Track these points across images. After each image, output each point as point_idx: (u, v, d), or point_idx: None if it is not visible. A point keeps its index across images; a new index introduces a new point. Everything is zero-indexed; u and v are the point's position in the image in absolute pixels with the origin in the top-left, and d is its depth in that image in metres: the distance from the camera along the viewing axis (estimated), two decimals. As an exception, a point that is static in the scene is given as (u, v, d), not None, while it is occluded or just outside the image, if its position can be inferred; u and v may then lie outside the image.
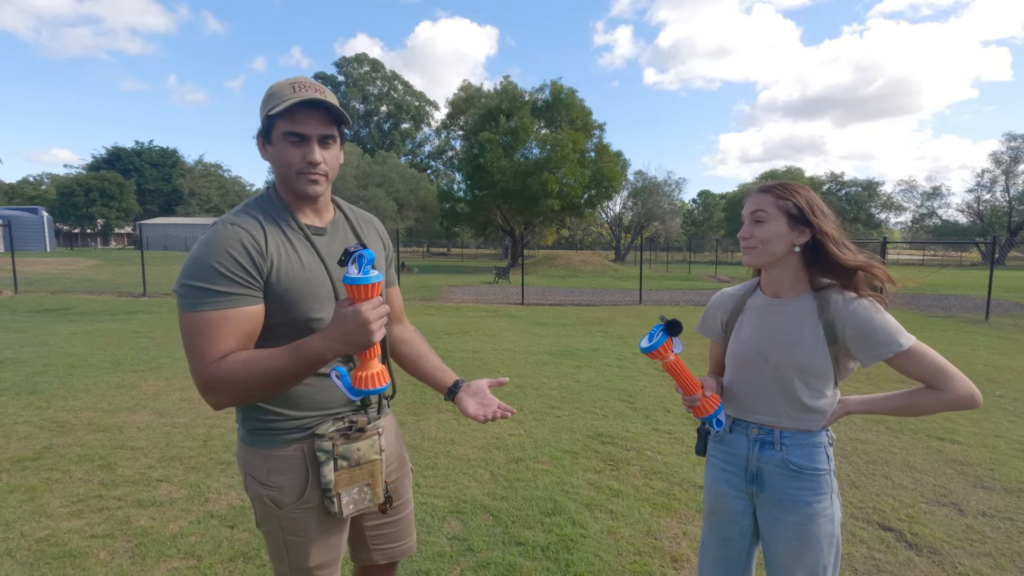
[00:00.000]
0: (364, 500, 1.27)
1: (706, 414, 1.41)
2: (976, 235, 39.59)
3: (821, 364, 1.32)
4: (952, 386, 1.26)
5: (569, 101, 29.45)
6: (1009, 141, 40.25)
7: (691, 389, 1.39)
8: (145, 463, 3.39)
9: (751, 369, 1.41)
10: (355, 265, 1.04)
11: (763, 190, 1.38)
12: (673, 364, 1.35)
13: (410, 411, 4.50)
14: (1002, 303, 13.11)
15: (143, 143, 59.72)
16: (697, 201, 62.87)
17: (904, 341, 1.26)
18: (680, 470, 3.42)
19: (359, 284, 1.03)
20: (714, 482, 1.51)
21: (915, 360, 1.27)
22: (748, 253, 1.38)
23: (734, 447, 1.46)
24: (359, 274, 1.04)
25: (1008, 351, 7.53)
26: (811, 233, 1.33)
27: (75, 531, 2.60)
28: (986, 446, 3.88)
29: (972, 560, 2.49)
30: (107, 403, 4.56)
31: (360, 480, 1.26)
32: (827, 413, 1.37)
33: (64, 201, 47.17)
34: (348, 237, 1.31)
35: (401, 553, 1.48)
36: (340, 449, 1.23)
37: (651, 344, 1.30)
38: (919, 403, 1.31)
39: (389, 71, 61.76)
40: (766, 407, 1.40)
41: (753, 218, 1.36)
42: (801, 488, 1.36)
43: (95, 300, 11.92)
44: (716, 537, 1.49)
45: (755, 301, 1.46)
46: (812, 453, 1.36)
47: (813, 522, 1.34)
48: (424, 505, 2.91)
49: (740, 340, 1.45)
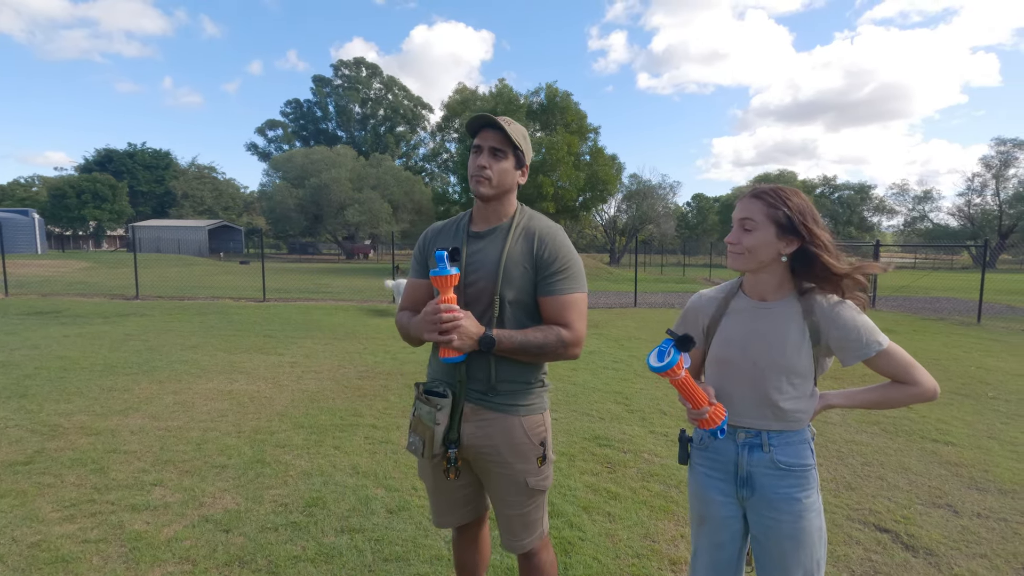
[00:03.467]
0: (418, 450, 1.57)
1: (714, 425, 1.37)
2: (966, 238, 39.95)
3: (805, 365, 1.36)
4: (920, 380, 1.35)
5: (564, 104, 29.50)
6: (999, 145, 40.66)
7: (699, 403, 1.35)
8: (138, 467, 3.36)
9: (737, 373, 1.42)
10: (440, 264, 1.40)
11: (755, 195, 1.37)
12: (683, 381, 1.30)
13: (406, 414, 4.49)
14: (994, 306, 13.22)
15: (135, 145, 59.30)
16: (691, 204, 63.10)
17: (883, 340, 1.34)
18: (677, 472, 3.42)
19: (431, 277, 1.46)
20: (702, 489, 1.49)
21: (890, 359, 1.35)
22: (733, 259, 1.38)
23: (721, 453, 1.45)
24: (431, 272, 1.44)
25: (1000, 353, 7.58)
26: (800, 243, 1.33)
27: (67, 536, 2.57)
28: (980, 447, 3.90)
29: (968, 561, 2.50)
30: (100, 406, 4.52)
31: (418, 431, 1.57)
32: (811, 410, 1.40)
33: (55, 203, 46.72)
34: (496, 242, 1.57)
35: (505, 543, 1.68)
36: (416, 402, 1.60)
37: (663, 364, 1.26)
38: (891, 397, 1.39)
39: (385, 75, 61.79)
40: (753, 410, 1.40)
41: (741, 225, 1.36)
42: (791, 485, 1.38)
43: (87, 302, 11.83)
44: (708, 543, 1.49)
45: (739, 304, 1.46)
46: (799, 450, 1.40)
47: (804, 518, 1.37)
48: (422, 508, 2.89)
49: (724, 344, 1.44)
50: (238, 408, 4.57)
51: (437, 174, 52.80)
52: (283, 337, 8.03)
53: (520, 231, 1.57)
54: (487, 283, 1.53)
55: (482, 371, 1.54)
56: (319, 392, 5.11)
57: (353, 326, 9.24)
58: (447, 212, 34.16)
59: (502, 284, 1.52)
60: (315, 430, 4.06)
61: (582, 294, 1.56)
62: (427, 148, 59.15)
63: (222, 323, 9.29)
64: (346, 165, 41.16)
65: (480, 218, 1.62)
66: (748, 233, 1.35)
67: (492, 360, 1.53)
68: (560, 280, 1.53)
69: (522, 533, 1.63)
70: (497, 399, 1.55)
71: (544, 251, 1.54)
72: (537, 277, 1.54)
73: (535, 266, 1.53)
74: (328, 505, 2.92)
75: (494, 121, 1.51)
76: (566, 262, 1.55)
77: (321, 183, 38.85)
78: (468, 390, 1.56)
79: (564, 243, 1.57)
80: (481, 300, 1.54)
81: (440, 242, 1.63)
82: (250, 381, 5.46)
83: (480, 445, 1.56)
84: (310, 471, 3.35)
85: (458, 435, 1.56)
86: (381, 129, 61.52)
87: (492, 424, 1.55)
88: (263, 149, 61.73)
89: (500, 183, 1.55)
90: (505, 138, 1.53)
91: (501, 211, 1.60)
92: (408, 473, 3.34)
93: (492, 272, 1.53)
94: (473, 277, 1.55)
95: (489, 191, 1.54)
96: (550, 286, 1.53)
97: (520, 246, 1.55)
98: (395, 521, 2.77)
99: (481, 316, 1.53)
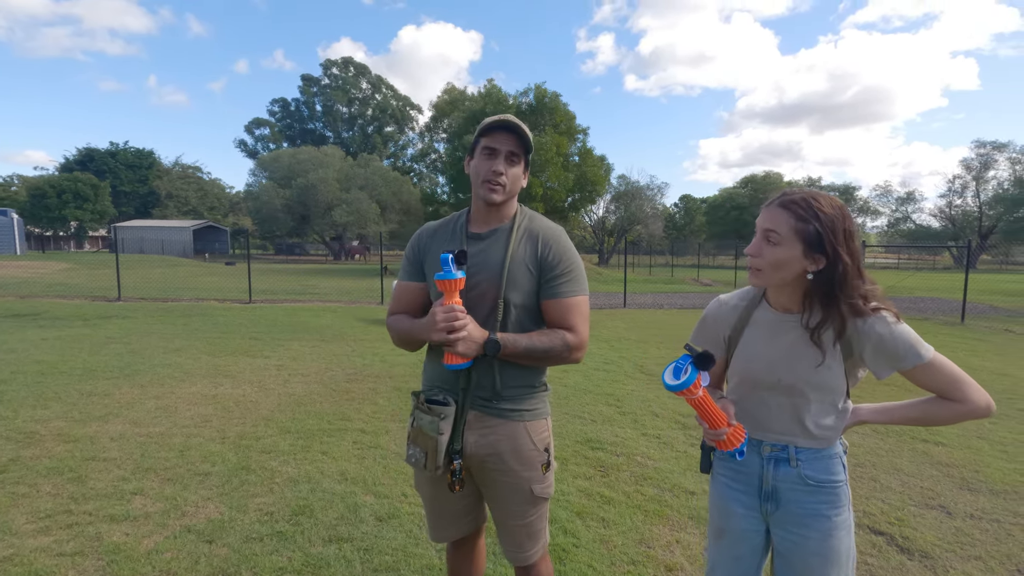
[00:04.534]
0: (419, 463, 1.49)
1: (732, 447, 1.27)
2: (948, 239, 40.64)
3: (838, 382, 1.26)
4: (969, 397, 1.21)
5: (553, 105, 29.50)
6: (978, 148, 41.45)
7: (717, 423, 1.24)
8: (118, 475, 3.25)
9: (762, 389, 1.33)
10: (445, 267, 1.35)
11: (783, 205, 1.22)
12: (701, 400, 1.20)
13: (396, 418, 4.41)
14: (977, 306, 13.43)
15: (118, 144, 58.29)
16: (679, 205, 63.56)
17: (924, 353, 1.21)
18: (671, 475, 3.39)
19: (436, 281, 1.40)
20: (723, 501, 1.42)
21: (933, 372, 1.22)
22: (754, 275, 1.27)
23: (745, 465, 1.37)
24: (436, 276, 1.39)
25: (985, 353, 7.68)
26: (827, 261, 1.19)
27: (42, 549, 2.46)
28: (970, 447, 3.92)
29: (963, 564, 2.49)
30: (78, 412, 4.39)
31: (419, 443, 1.49)
32: (842, 426, 1.31)
33: (35, 203, 45.74)
34: (499, 244, 1.51)
35: (509, 555, 1.63)
36: (415, 412, 1.53)
37: (680, 382, 1.16)
38: (934, 414, 1.26)
39: (374, 75, 61.44)
40: (779, 426, 1.32)
41: (765, 236, 1.23)
42: (820, 502, 1.29)
43: (67, 305, 11.56)
44: (727, 557, 1.41)
45: (762, 314, 1.35)
46: (829, 465, 1.31)
47: (833, 536, 1.28)
48: (412, 516, 2.83)
49: (749, 358, 1.35)
50: (223, 413, 4.46)
51: (425, 175, 52.53)
52: (269, 339, 7.90)
53: (523, 233, 1.53)
54: (490, 286, 1.48)
55: (487, 377, 1.49)
56: (306, 396, 5.01)
57: (341, 328, 9.12)
58: (436, 212, 34.02)
59: (507, 287, 1.47)
60: (302, 435, 3.97)
61: (585, 297, 1.52)
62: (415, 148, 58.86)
63: (207, 325, 9.13)
64: (334, 165, 40.82)
65: (480, 219, 1.57)
66: (772, 247, 1.22)
67: (497, 365, 1.47)
68: (564, 283, 1.49)
69: (527, 544, 1.58)
70: (502, 405, 1.50)
71: (548, 253, 1.49)
72: (541, 280, 1.49)
73: (539, 269, 1.49)
74: (315, 513, 2.84)
75: (515, 125, 1.45)
76: (569, 264, 1.50)
77: (308, 183, 38.50)
78: (473, 397, 1.51)
79: (568, 245, 1.53)
80: (484, 304, 1.49)
81: (436, 243, 1.57)
82: (235, 385, 5.34)
83: (484, 454, 1.51)
84: (297, 478, 3.26)
85: (461, 445, 1.50)
86: (369, 129, 61.18)
87: (496, 431, 1.50)
88: (251, 147, 61.08)
89: (512, 189, 1.51)
90: (523, 143, 1.49)
91: (503, 213, 1.56)
92: (398, 479, 3.26)
93: (496, 275, 1.48)
94: (475, 280, 1.48)
95: (502, 198, 1.49)
96: (554, 289, 1.48)
97: (524, 248, 1.50)
98: (385, 529, 2.70)
99: (485, 320, 1.48)
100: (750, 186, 50.73)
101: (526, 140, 1.48)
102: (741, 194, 50.55)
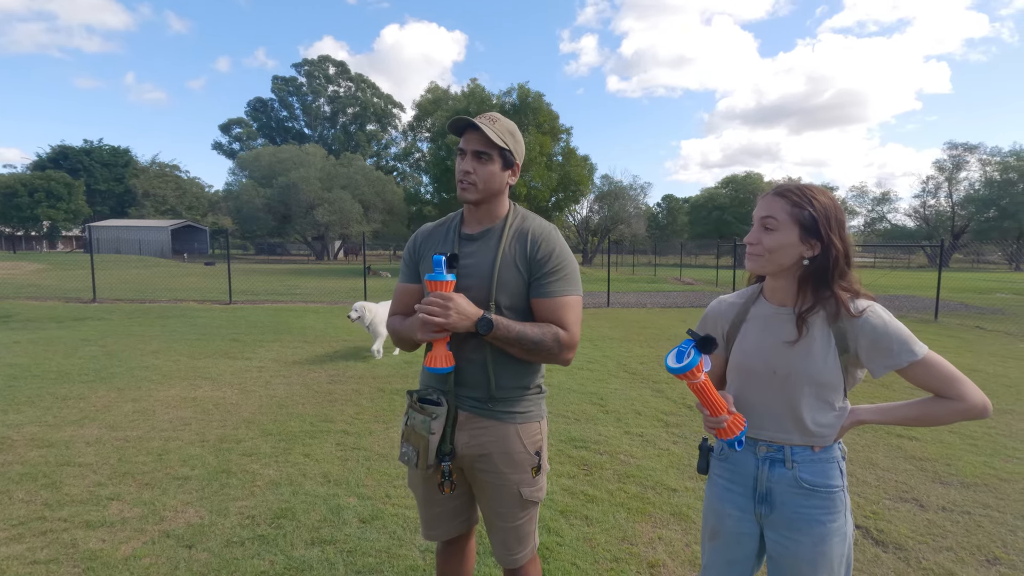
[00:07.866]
0: (411, 461, 1.50)
1: (732, 436, 1.28)
2: (922, 238, 41.64)
3: (832, 375, 1.26)
4: (965, 395, 1.21)
5: (536, 105, 29.54)
6: (951, 150, 42.61)
7: (718, 410, 1.26)
8: (94, 480, 3.18)
9: (758, 382, 1.33)
10: (437, 269, 1.38)
11: (779, 193, 1.27)
12: (702, 385, 1.22)
13: (379, 419, 4.39)
14: (949, 303, 13.78)
15: (92, 141, 56.93)
16: (661, 205, 64.05)
17: (918, 350, 1.22)
18: (653, 473, 3.43)
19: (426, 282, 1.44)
20: (718, 502, 1.41)
21: (927, 370, 1.23)
22: (752, 260, 1.29)
23: (740, 465, 1.37)
24: (426, 276, 1.42)
25: (958, 349, 7.88)
26: (821, 247, 1.24)
27: (15, 557, 2.41)
28: (942, 442, 4.03)
29: (935, 555, 2.56)
30: (52, 416, 4.29)
31: (411, 441, 1.51)
32: (838, 425, 1.30)
33: (6, 202, 44.50)
34: (490, 245, 1.52)
35: (499, 557, 1.64)
36: (409, 411, 1.54)
37: (683, 365, 1.18)
38: (932, 413, 1.26)
39: (355, 73, 60.94)
40: (775, 423, 1.32)
41: (762, 224, 1.27)
42: (814, 507, 1.28)
43: (40, 306, 11.28)
44: (721, 560, 1.40)
45: (759, 309, 1.37)
46: (825, 469, 1.30)
47: (827, 542, 1.27)
48: (396, 517, 2.82)
49: (745, 352, 1.36)
50: (202, 416, 4.39)
51: (409, 174, 52.26)
52: (250, 341, 7.79)
53: (513, 232, 1.52)
54: (481, 289, 1.47)
55: (481, 378, 1.49)
56: (288, 397, 4.96)
57: (324, 328, 9.03)
58: (419, 212, 33.86)
59: (496, 290, 1.46)
60: (284, 437, 3.93)
61: (577, 297, 1.51)
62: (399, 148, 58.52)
63: (185, 327, 8.97)
64: (315, 164, 40.37)
65: (472, 219, 1.57)
66: (769, 233, 1.25)
67: (491, 365, 1.47)
68: (554, 281, 1.48)
69: (516, 547, 1.59)
70: (495, 407, 1.50)
71: (537, 251, 1.48)
72: (530, 278, 1.48)
73: (528, 267, 1.48)
74: (297, 516, 2.81)
75: (475, 123, 1.43)
76: (560, 263, 1.49)
77: (289, 182, 38.01)
78: (465, 398, 1.51)
79: (559, 244, 1.51)
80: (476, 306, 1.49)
81: (431, 244, 1.59)
82: (215, 387, 5.26)
83: (474, 455, 1.51)
84: (278, 481, 3.23)
85: (451, 446, 1.50)
86: (351, 127, 60.62)
87: (487, 432, 1.50)
88: (227, 147, 60.13)
89: (487, 188, 1.49)
90: (487, 140, 1.45)
91: (493, 212, 1.55)
92: (381, 481, 3.25)
93: (486, 277, 1.47)
94: (467, 283, 1.48)
95: (475, 196, 1.49)
96: (543, 288, 1.47)
97: (514, 249, 1.50)
98: (368, 531, 2.68)
99: None
100: (731, 186, 51.28)
101: (496, 136, 1.44)
102: (722, 194, 51.10)
